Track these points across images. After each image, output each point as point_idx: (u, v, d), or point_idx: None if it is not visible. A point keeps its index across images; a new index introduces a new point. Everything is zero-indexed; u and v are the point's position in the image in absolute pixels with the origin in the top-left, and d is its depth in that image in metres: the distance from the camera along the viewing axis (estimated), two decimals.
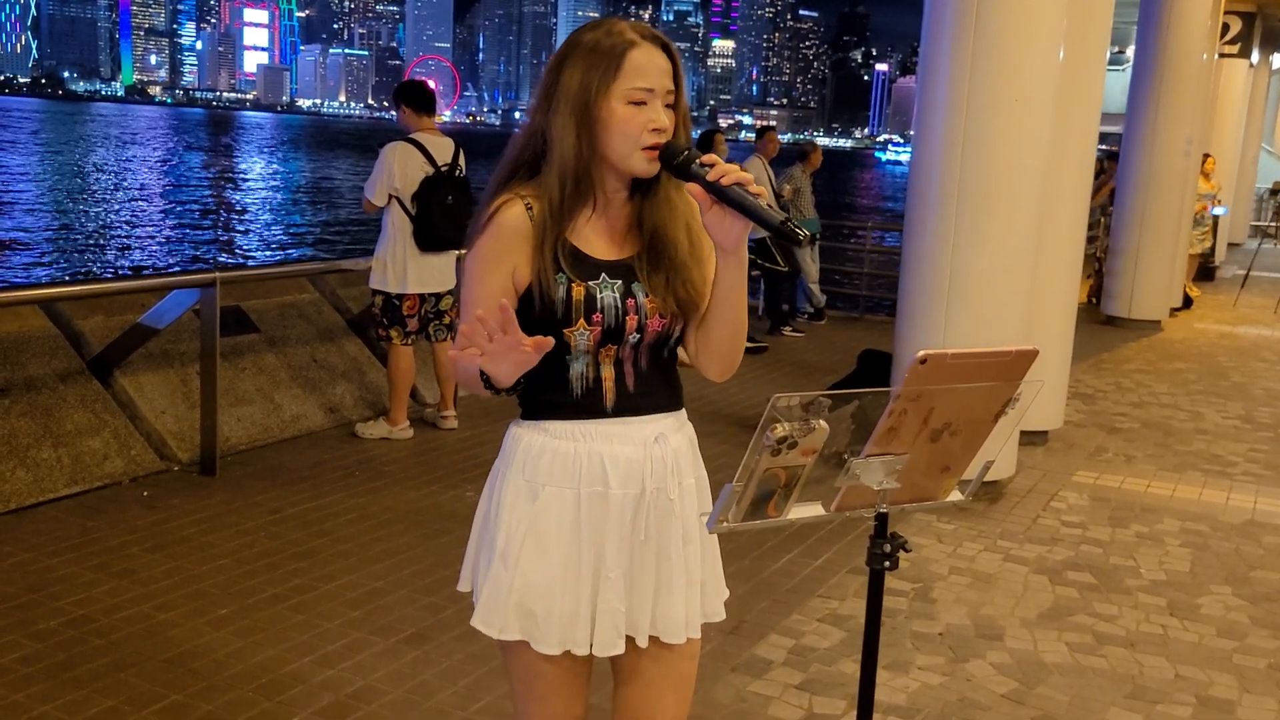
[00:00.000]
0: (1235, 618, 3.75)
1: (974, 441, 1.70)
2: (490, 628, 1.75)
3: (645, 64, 1.65)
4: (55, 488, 4.34)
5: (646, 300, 1.72)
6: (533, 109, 1.73)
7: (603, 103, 1.65)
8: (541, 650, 1.73)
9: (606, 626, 1.73)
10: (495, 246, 1.69)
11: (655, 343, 1.75)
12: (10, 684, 2.91)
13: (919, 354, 1.50)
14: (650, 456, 1.73)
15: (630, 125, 1.65)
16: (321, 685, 2.98)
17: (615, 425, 1.73)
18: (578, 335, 1.69)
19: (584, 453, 1.71)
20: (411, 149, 5.19)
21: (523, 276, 1.70)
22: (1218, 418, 6.78)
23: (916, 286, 4.82)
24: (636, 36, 1.66)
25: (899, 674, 3.20)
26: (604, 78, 1.64)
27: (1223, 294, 12.87)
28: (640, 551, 1.74)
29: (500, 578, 1.73)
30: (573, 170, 1.67)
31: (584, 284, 1.68)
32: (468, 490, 4.65)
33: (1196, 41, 9.66)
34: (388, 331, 5.32)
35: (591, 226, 1.73)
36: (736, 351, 1.77)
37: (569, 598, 1.72)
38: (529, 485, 1.73)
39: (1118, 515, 4.79)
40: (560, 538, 1.72)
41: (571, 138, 1.66)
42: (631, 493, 1.72)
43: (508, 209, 1.69)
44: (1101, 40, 5.61)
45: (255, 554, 3.87)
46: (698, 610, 1.81)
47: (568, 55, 1.68)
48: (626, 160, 1.67)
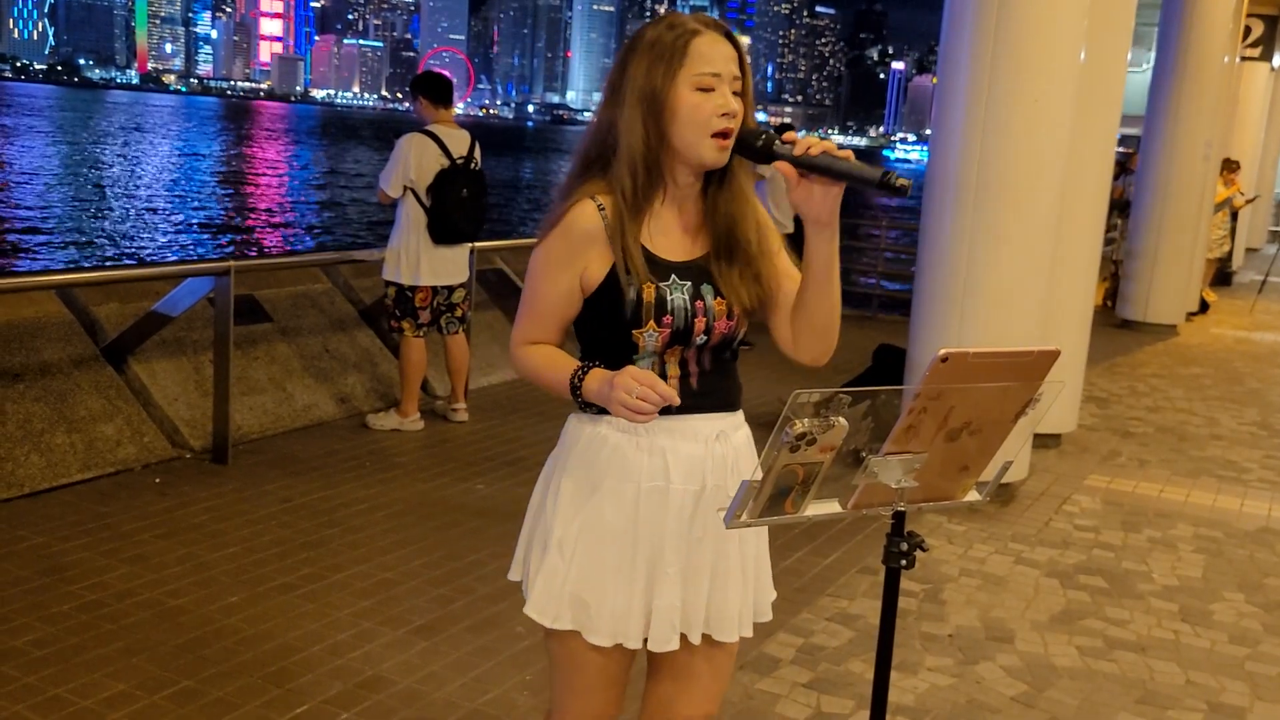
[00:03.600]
0: (1248, 624, 3.73)
1: (993, 442, 1.69)
2: (544, 616, 1.75)
3: (710, 51, 1.66)
4: (69, 473, 4.35)
5: (715, 302, 1.73)
6: (600, 106, 1.74)
7: (670, 90, 1.65)
8: (593, 641, 1.74)
9: (663, 622, 1.75)
10: (566, 247, 1.69)
11: (720, 344, 1.76)
12: (23, 667, 2.92)
13: (940, 352, 1.49)
14: (712, 454, 1.75)
15: (699, 111, 1.65)
16: (331, 674, 2.98)
17: (678, 422, 1.73)
18: (646, 337, 1.70)
19: (646, 448, 1.72)
20: (427, 141, 5.19)
21: (592, 277, 1.70)
22: (1233, 423, 6.74)
23: (932, 286, 4.80)
24: (699, 25, 1.68)
25: (908, 675, 3.19)
26: (670, 65, 1.65)
27: (1240, 299, 12.79)
28: (697, 548, 1.75)
29: (556, 568, 1.74)
30: (642, 159, 1.67)
31: (654, 285, 1.69)
32: (478, 483, 4.65)
33: (1218, 44, 9.59)
34: (400, 323, 5.32)
35: (661, 227, 1.73)
36: (835, 329, 1.77)
37: (623, 591, 1.73)
38: (589, 478, 1.74)
39: (1130, 520, 4.76)
40: (619, 531, 1.73)
41: (639, 127, 1.67)
42: (692, 489, 1.73)
43: (579, 209, 1.69)
44: (1123, 42, 5.57)
45: (266, 542, 3.88)
46: (750, 609, 1.83)
47: (633, 49, 1.70)
48: (696, 149, 1.67)
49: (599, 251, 1.69)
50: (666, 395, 1.58)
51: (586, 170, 1.74)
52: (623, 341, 1.70)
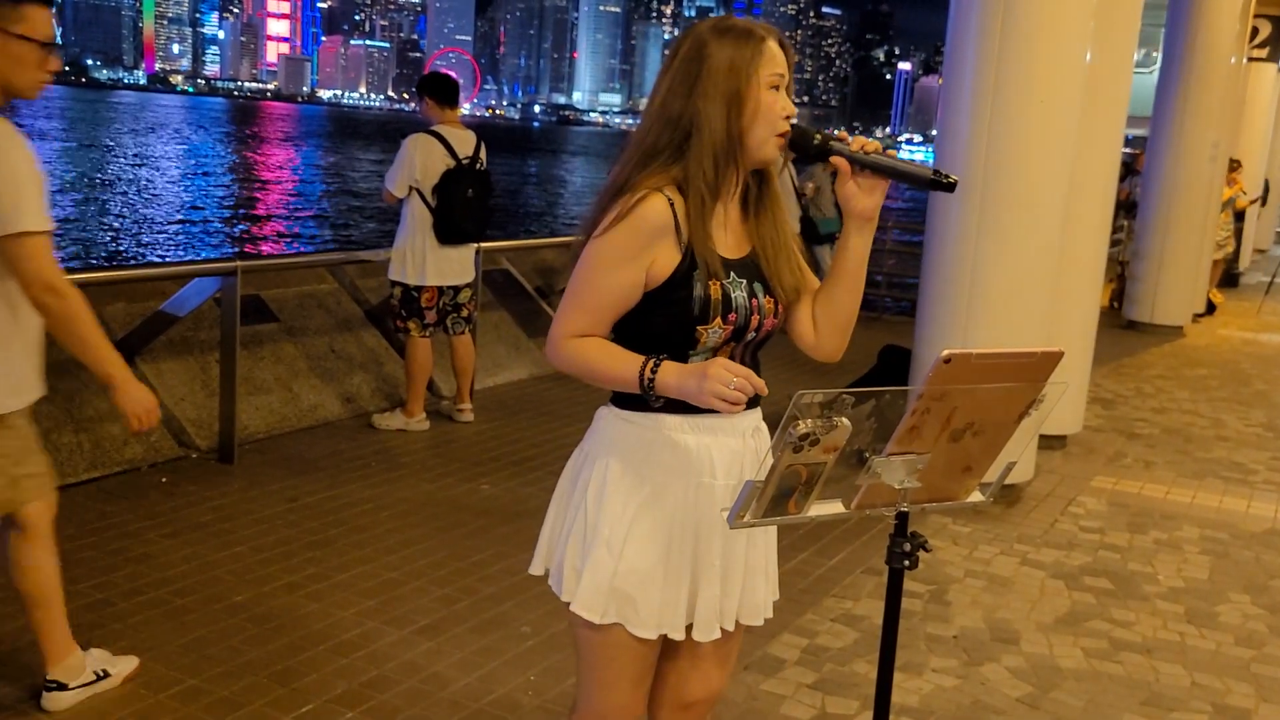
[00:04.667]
0: (1254, 626, 3.72)
1: (996, 442, 1.69)
2: (592, 613, 1.77)
3: (777, 53, 1.73)
4: (75, 472, 4.37)
5: (765, 300, 1.77)
6: (667, 98, 1.72)
7: (751, 88, 1.70)
8: (639, 633, 1.77)
9: (708, 613, 1.80)
10: (635, 241, 1.69)
11: (763, 340, 1.82)
12: (30, 665, 2.92)
13: (944, 353, 1.49)
14: (748, 448, 1.81)
15: (772, 110, 1.72)
16: (336, 673, 2.99)
17: (722, 419, 1.76)
18: (711, 333, 1.72)
19: (693, 444, 1.76)
20: (433, 141, 5.20)
21: (658, 272, 1.71)
22: (1239, 425, 6.72)
23: (937, 287, 4.80)
24: (764, 32, 1.75)
25: (913, 675, 3.19)
26: (752, 62, 1.70)
27: (1246, 300, 12.75)
28: (733, 540, 1.81)
29: (604, 564, 1.76)
30: (725, 150, 1.71)
31: (719, 282, 1.72)
32: (483, 483, 4.65)
33: (1225, 45, 9.57)
34: (406, 323, 5.33)
35: (718, 221, 1.76)
36: (853, 324, 1.84)
37: (671, 585, 1.77)
38: (637, 474, 1.76)
39: (1136, 521, 4.76)
40: (669, 527, 1.76)
41: (722, 119, 1.70)
42: (731, 483, 1.77)
43: (651, 202, 1.69)
44: (1129, 43, 5.56)
45: (271, 542, 3.89)
46: (771, 593, 1.91)
47: (705, 47, 1.71)
48: (763, 146, 1.73)
49: (667, 245, 1.70)
50: (759, 386, 1.63)
51: (649, 160, 1.72)
52: (684, 337, 1.72)
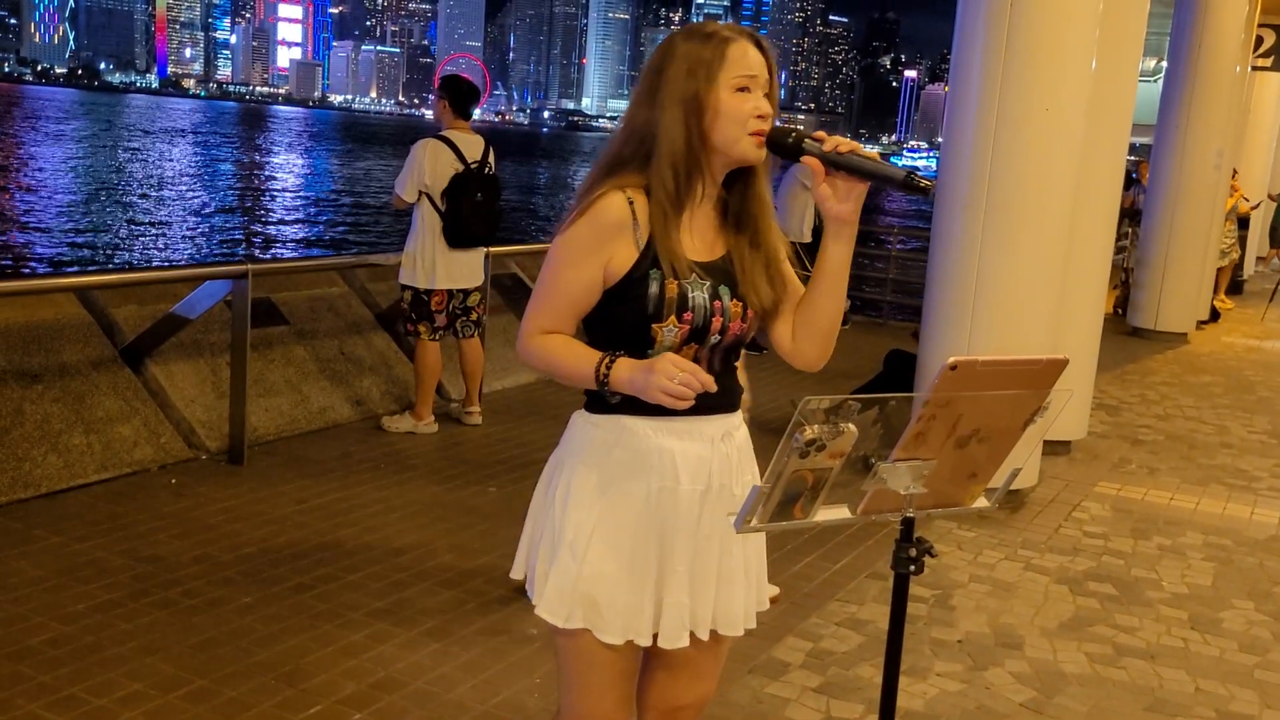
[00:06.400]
0: (1258, 633, 3.73)
1: (1002, 449, 1.71)
2: (555, 617, 1.78)
3: (745, 55, 1.72)
4: (86, 473, 4.40)
5: (731, 303, 1.76)
6: (633, 109, 1.77)
7: (711, 91, 1.70)
8: (605, 639, 1.77)
9: (673, 619, 1.78)
10: (592, 236, 1.72)
11: (731, 345, 1.80)
12: (39, 665, 2.95)
13: (949, 360, 1.51)
14: (717, 454, 1.78)
15: (739, 111, 1.71)
16: (344, 675, 3.01)
17: (686, 423, 1.76)
18: (666, 331, 1.72)
19: (655, 449, 1.75)
20: (442, 145, 5.23)
21: (616, 269, 1.72)
22: (1243, 432, 6.72)
23: (942, 293, 4.81)
24: (732, 33, 1.74)
25: (917, 680, 3.20)
26: (710, 68, 1.71)
27: (1250, 308, 12.74)
28: (704, 546, 1.79)
29: (567, 568, 1.76)
30: (684, 157, 1.72)
31: (677, 281, 1.72)
32: (491, 485, 4.68)
33: (1229, 54, 9.58)
34: (415, 327, 5.36)
35: (684, 225, 1.76)
36: (834, 335, 1.81)
37: (634, 589, 1.76)
38: (600, 478, 1.76)
39: (1140, 527, 4.77)
40: (629, 531, 1.76)
41: (681, 128, 1.71)
42: (699, 489, 1.76)
43: (608, 199, 1.72)
44: (1134, 51, 5.58)
45: (281, 543, 3.92)
46: (754, 603, 1.88)
47: (669, 54, 1.74)
48: (737, 145, 1.72)
49: (625, 243, 1.71)
50: (706, 382, 1.62)
51: (616, 169, 1.76)
52: (641, 336, 1.72)
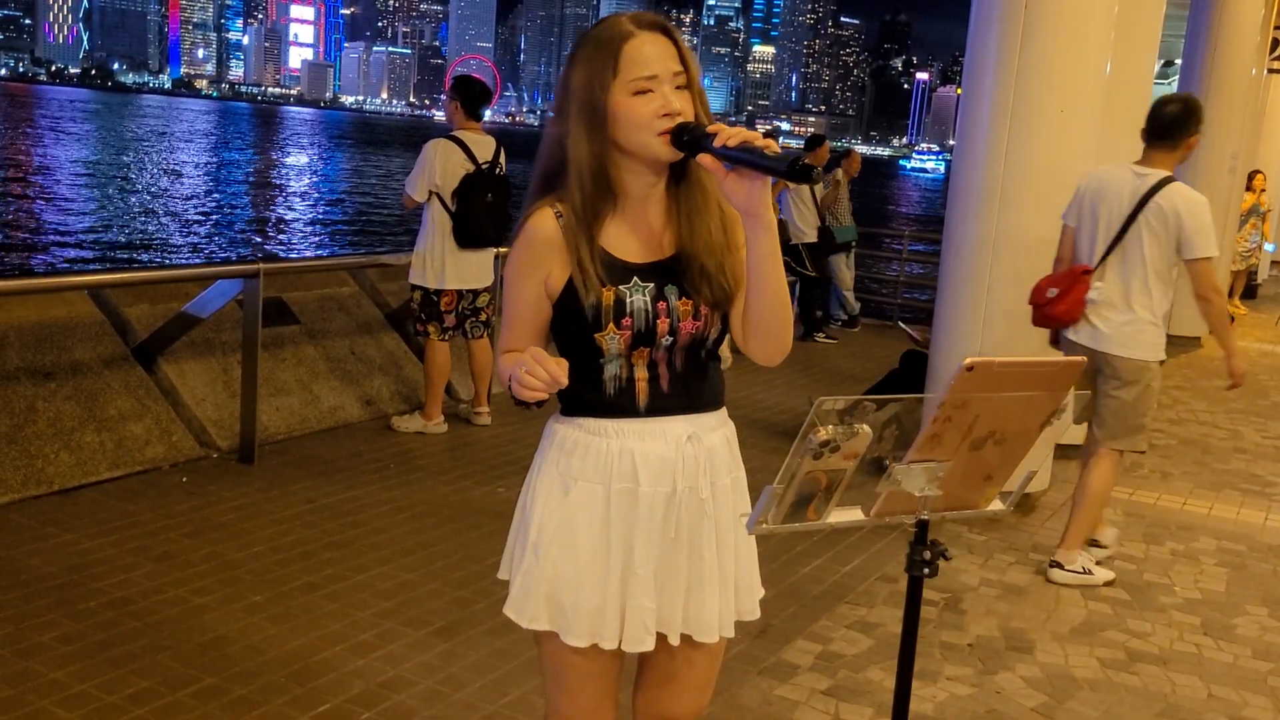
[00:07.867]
0: (1271, 639, 3.70)
1: (1017, 451, 1.70)
2: (521, 617, 1.78)
3: (642, 52, 1.65)
4: (97, 471, 4.41)
5: (679, 303, 1.73)
6: (550, 122, 1.75)
7: (608, 99, 1.65)
8: (570, 642, 1.76)
9: (635, 623, 1.75)
10: (527, 256, 1.73)
11: (690, 344, 1.76)
12: (49, 662, 2.96)
13: (966, 361, 1.50)
14: (682, 455, 1.74)
15: (640, 115, 1.64)
16: (353, 674, 3.01)
17: (647, 424, 1.74)
18: (608, 339, 1.71)
19: (615, 449, 1.73)
20: (453, 146, 5.23)
21: (555, 283, 1.72)
22: (1257, 437, 6.68)
23: (954, 295, 4.79)
24: (633, 27, 1.67)
25: (927, 684, 3.19)
26: (604, 74, 1.65)
27: (1264, 312, 12.68)
28: (672, 549, 1.76)
29: (532, 568, 1.76)
30: (590, 170, 1.68)
31: (613, 289, 1.70)
32: (500, 486, 4.68)
33: (1245, 56, 9.55)
34: (425, 327, 5.37)
35: (623, 229, 1.74)
36: (785, 326, 1.75)
37: (596, 591, 1.74)
38: (561, 479, 1.76)
39: (1152, 532, 4.74)
40: (589, 532, 1.74)
41: (584, 139, 1.68)
42: (662, 490, 1.73)
43: (537, 217, 1.72)
44: (1149, 53, 5.56)
45: (290, 542, 3.92)
46: (731, 609, 1.82)
47: (572, 64, 1.70)
48: (647, 148, 1.67)
49: (559, 258, 1.70)
50: (554, 374, 1.56)
51: (547, 186, 1.75)
52: (588, 345, 1.72)
